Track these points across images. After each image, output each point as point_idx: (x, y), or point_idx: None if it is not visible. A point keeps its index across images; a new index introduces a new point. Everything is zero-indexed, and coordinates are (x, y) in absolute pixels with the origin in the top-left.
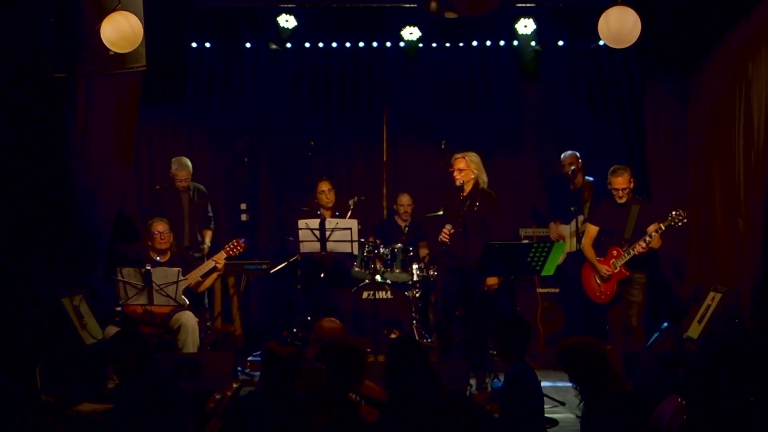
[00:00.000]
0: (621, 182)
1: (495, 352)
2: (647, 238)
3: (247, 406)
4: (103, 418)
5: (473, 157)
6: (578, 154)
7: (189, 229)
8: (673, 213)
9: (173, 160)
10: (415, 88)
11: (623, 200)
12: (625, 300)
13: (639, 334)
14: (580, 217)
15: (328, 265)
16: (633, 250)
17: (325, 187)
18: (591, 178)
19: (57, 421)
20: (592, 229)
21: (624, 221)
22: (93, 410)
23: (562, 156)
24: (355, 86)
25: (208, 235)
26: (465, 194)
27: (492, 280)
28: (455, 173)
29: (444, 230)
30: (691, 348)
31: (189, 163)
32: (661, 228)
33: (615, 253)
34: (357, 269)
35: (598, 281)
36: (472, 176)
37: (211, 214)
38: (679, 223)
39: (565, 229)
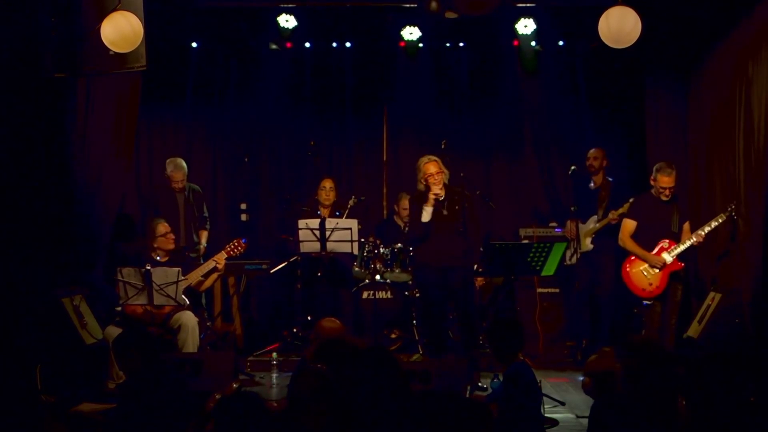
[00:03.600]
0: (669, 181)
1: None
2: (706, 228)
3: (245, 405)
4: (103, 418)
5: (437, 157)
6: (604, 152)
7: (185, 230)
8: (733, 205)
9: (168, 161)
10: (415, 88)
11: (668, 199)
12: (669, 298)
13: (673, 335)
14: (594, 217)
15: (328, 264)
16: (689, 241)
17: (327, 184)
18: (610, 179)
19: (57, 421)
20: (630, 224)
21: (669, 216)
22: (93, 410)
23: (589, 152)
24: (355, 86)
25: (204, 236)
26: (442, 197)
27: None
28: (435, 177)
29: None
30: (691, 348)
31: (184, 164)
32: (721, 218)
33: (666, 245)
34: (357, 269)
35: (647, 275)
36: (444, 177)
37: (206, 215)
38: (734, 214)
39: (582, 228)
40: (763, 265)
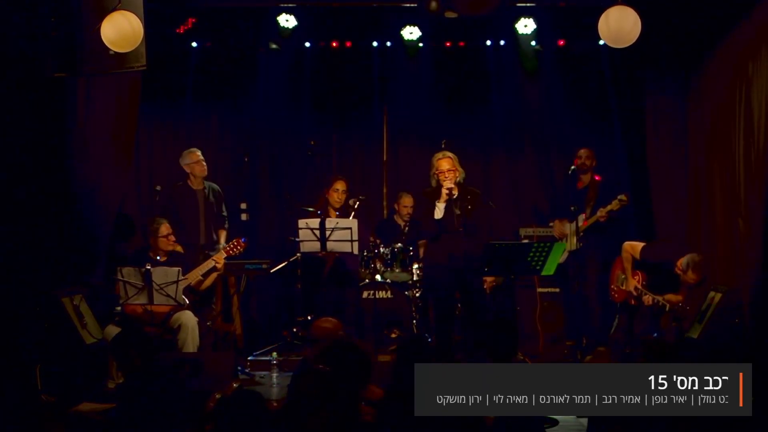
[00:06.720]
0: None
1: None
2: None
3: (245, 404)
4: (103, 418)
5: (453, 155)
6: (593, 152)
7: (204, 228)
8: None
9: (182, 156)
10: (415, 88)
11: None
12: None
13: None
14: (581, 216)
15: (330, 264)
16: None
17: (340, 186)
18: (597, 178)
19: (57, 421)
20: (638, 248)
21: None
22: (93, 410)
23: (579, 151)
24: (355, 86)
25: (223, 235)
26: (456, 195)
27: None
28: (446, 174)
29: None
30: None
31: (193, 150)
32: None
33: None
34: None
35: (618, 281)
36: (458, 175)
37: (225, 214)
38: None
39: (571, 227)
40: (763, 265)
